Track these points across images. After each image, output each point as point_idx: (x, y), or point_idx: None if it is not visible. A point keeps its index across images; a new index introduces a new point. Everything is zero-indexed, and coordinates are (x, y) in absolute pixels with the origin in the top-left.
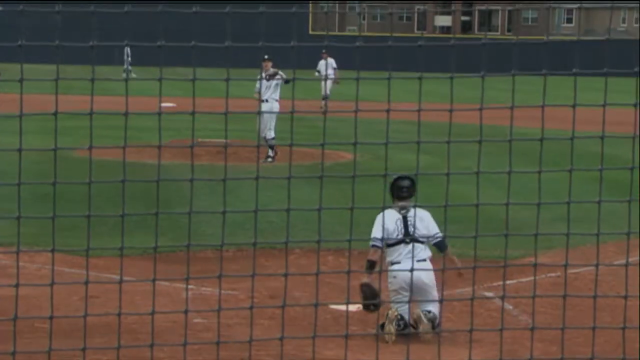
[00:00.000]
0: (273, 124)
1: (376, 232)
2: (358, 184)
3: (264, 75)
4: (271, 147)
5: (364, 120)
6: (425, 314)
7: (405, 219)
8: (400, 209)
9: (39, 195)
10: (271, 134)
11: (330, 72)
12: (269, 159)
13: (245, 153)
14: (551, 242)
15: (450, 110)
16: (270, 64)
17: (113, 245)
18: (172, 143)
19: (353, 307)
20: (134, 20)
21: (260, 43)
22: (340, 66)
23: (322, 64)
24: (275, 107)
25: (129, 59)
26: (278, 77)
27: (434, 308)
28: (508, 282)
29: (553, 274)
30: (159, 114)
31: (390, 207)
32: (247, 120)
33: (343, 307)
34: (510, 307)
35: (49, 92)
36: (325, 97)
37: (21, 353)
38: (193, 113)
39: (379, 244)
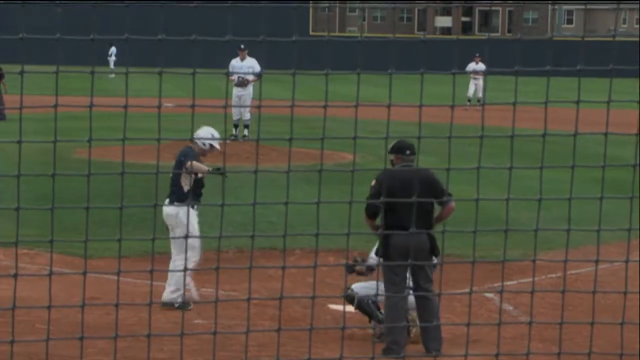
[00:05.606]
0: (248, 104)
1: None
2: (357, 184)
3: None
4: (246, 127)
5: (363, 120)
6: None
7: None
8: None
9: (41, 196)
10: (247, 115)
11: (480, 76)
12: (246, 137)
13: (246, 154)
14: (551, 243)
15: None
16: (245, 52)
17: (112, 247)
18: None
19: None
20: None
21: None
22: (342, 66)
23: (471, 66)
24: (250, 90)
25: (114, 58)
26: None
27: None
28: (508, 282)
29: (553, 275)
30: (154, 107)
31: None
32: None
33: (342, 308)
34: (511, 308)
35: (50, 94)
36: (476, 100)
37: (20, 342)
38: (191, 111)
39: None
